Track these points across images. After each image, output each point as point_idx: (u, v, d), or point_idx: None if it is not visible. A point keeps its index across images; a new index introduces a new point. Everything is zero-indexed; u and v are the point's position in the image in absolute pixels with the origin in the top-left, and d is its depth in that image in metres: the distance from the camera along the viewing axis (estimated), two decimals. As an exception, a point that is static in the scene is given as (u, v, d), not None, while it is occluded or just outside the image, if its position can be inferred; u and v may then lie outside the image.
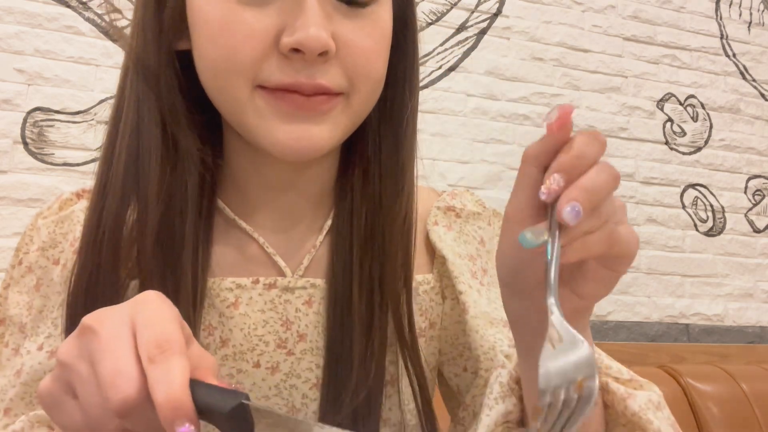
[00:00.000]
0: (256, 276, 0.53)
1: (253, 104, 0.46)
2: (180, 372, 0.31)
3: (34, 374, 0.50)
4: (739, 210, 2.16)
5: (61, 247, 0.53)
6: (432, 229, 0.59)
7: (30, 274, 0.54)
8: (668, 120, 2.13)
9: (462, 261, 0.58)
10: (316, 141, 0.46)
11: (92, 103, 1.58)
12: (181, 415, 0.30)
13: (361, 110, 0.50)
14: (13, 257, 0.55)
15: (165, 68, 0.48)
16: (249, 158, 0.53)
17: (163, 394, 0.30)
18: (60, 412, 0.35)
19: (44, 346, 0.51)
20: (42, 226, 0.54)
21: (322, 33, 0.43)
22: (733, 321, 2.08)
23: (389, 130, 0.54)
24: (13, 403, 0.50)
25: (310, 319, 0.54)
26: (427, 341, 0.58)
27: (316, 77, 0.45)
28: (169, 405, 0.30)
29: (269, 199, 0.55)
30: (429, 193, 0.63)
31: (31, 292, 0.53)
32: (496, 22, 1.98)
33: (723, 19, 2.25)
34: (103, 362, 0.32)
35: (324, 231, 0.56)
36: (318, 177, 0.55)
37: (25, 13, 1.56)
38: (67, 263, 0.52)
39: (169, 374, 0.30)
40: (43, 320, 0.52)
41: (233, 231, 0.55)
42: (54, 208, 0.56)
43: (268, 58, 0.45)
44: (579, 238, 0.35)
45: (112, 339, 0.33)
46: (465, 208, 0.61)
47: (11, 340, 0.53)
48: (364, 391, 0.50)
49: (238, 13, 0.44)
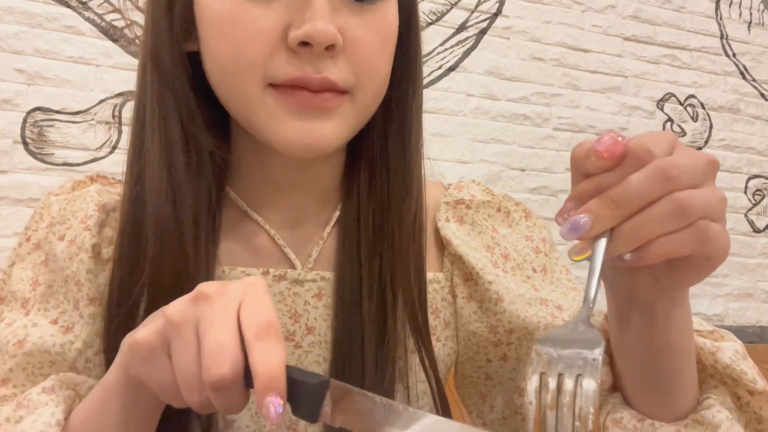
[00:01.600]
0: (266, 267, 0.54)
1: (263, 103, 0.46)
2: (280, 352, 0.34)
3: (42, 345, 0.49)
4: (739, 210, 2.16)
5: (69, 224, 0.53)
6: (444, 226, 0.59)
7: (37, 250, 0.54)
8: (668, 120, 2.13)
9: (480, 254, 0.58)
10: (324, 137, 0.47)
11: (92, 103, 1.58)
12: (275, 388, 0.33)
13: (367, 108, 0.50)
14: (22, 235, 0.55)
15: (179, 69, 0.49)
16: (256, 155, 0.54)
17: (263, 367, 0.33)
18: (152, 365, 0.36)
19: (59, 321, 0.51)
20: (54, 202, 0.55)
21: (330, 26, 0.44)
22: (733, 321, 2.08)
23: (394, 129, 0.54)
24: (13, 373, 0.50)
25: (319, 312, 0.54)
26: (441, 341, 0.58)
27: (323, 71, 0.45)
28: (267, 378, 0.33)
29: (277, 194, 0.55)
30: (435, 187, 0.63)
31: (37, 267, 0.53)
32: (496, 22, 1.98)
33: (723, 19, 2.25)
34: (210, 333, 0.34)
35: (331, 223, 0.56)
36: (323, 175, 0.56)
37: (25, 13, 1.56)
38: (75, 239, 0.52)
39: (271, 351, 0.33)
40: (53, 295, 0.52)
41: (244, 222, 0.55)
42: (66, 187, 0.57)
43: (276, 54, 0.45)
44: (663, 236, 0.34)
45: (222, 312, 0.35)
46: (474, 198, 0.61)
47: (8, 316, 0.53)
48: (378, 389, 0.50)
49: (245, 10, 0.45)
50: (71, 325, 0.51)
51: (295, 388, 0.34)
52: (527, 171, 1.94)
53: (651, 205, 0.34)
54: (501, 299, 0.56)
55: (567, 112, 2.00)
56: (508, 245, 0.60)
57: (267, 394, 0.32)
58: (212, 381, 0.33)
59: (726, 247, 0.36)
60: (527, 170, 1.94)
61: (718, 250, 0.35)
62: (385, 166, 0.54)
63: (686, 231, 0.34)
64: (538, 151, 1.96)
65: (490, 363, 0.59)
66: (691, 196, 0.34)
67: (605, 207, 0.34)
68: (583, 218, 0.35)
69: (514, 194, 1.92)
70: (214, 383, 0.33)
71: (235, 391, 0.34)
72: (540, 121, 1.98)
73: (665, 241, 0.34)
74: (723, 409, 0.43)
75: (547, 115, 1.99)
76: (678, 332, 0.42)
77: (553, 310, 0.56)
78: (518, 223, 0.62)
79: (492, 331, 0.57)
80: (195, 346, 0.35)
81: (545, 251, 0.61)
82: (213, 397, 0.35)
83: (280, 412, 0.33)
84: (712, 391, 0.46)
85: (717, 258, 0.36)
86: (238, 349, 0.34)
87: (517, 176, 1.93)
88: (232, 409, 0.36)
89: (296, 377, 0.34)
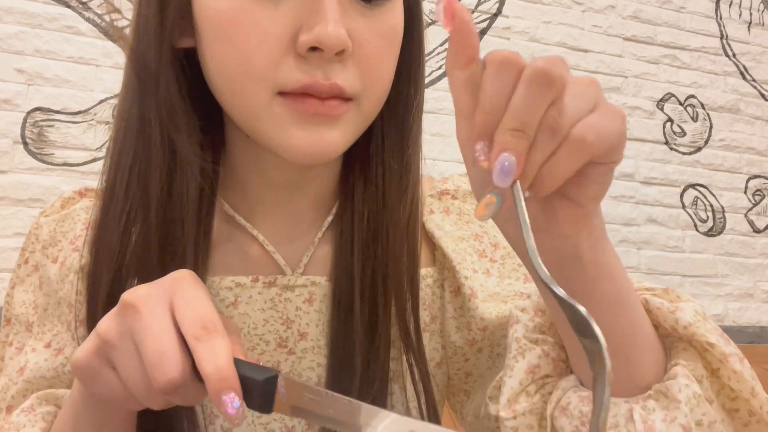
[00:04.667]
0: (255, 274, 0.53)
1: (270, 111, 0.44)
2: (225, 349, 0.34)
3: (38, 371, 0.50)
4: (739, 210, 2.16)
5: (61, 246, 0.53)
6: (428, 219, 0.58)
7: (35, 273, 0.54)
8: (668, 120, 2.13)
9: (466, 243, 0.57)
10: (330, 145, 0.45)
11: (92, 103, 1.58)
12: (228, 386, 0.33)
13: (370, 114, 0.49)
14: (20, 256, 0.56)
15: (165, 67, 0.47)
16: (253, 159, 0.53)
17: (212, 367, 0.33)
18: (98, 382, 0.37)
19: (52, 344, 0.51)
20: (44, 224, 0.55)
21: (341, 30, 0.42)
22: (733, 321, 2.08)
23: (394, 128, 0.53)
24: (15, 400, 0.50)
25: (311, 317, 0.53)
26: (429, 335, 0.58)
27: (332, 77, 0.44)
28: (217, 377, 0.33)
29: (271, 198, 0.54)
30: (427, 182, 0.62)
31: (36, 290, 0.54)
32: (496, 22, 1.98)
33: (723, 19, 2.25)
34: (147, 342, 0.34)
35: (323, 228, 0.55)
36: (323, 177, 0.55)
37: (25, 13, 1.56)
38: (65, 261, 0.52)
39: (215, 350, 0.34)
40: (48, 318, 0.52)
41: (234, 229, 0.54)
42: (56, 206, 0.56)
43: (284, 60, 0.43)
44: (545, 164, 0.31)
45: (153, 318, 0.35)
46: (460, 188, 0.60)
47: (15, 339, 0.53)
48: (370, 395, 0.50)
49: (251, 12, 0.43)
50: (62, 346, 0.51)
51: (246, 384, 0.35)
52: (527, 171, 1.95)
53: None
54: (474, 296, 0.55)
55: (567, 112, 2.00)
56: (497, 233, 0.59)
57: (221, 394, 0.33)
58: (162, 387, 0.34)
59: (611, 131, 0.32)
60: (527, 170, 1.95)
61: (603, 147, 0.32)
62: (382, 166, 0.53)
63: (562, 149, 0.31)
64: (538, 151, 1.96)
65: (467, 361, 0.58)
66: (560, 111, 0.31)
67: (515, 138, 0.31)
68: (508, 157, 0.30)
69: (514, 194, 1.93)
70: (164, 389, 0.34)
71: (189, 388, 0.35)
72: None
73: (548, 170, 0.31)
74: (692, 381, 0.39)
75: (547, 115, 1.99)
76: (611, 279, 0.38)
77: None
78: None
79: (466, 328, 0.57)
80: (137, 357, 0.35)
81: None
82: (170, 398, 0.35)
83: (237, 407, 0.33)
84: (681, 354, 0.41)
85: (608, 154, 0.33)
86: (179, 351, 0.34)
87: (517, 176, 1.93)
88: (193, 402, 0.37)
89: (245, 374, 0.35)
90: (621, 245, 1.99)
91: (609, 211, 2.00)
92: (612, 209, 2.01)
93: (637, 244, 2.02)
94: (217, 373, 0.33)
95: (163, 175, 0.48)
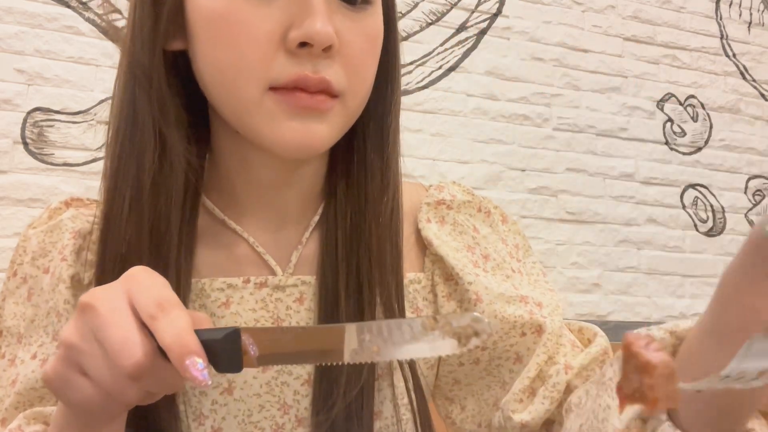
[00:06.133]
0: (246, 275, 0.54)
1: (261, 105, 0.47)
2: (182, 319, 0.34)
3: (28, 383, 0.50)
4: (739, 210, 2.16)
5: (51, 256, 0.54)
6: (425, 227, 0.59)
7: (24, 284, 0.54)
8: (668, 120, 2.13)
9: (461, 254, 0.58)
10: (319, 138, 0.48)
11: (92, 103, 1.58)
12: (189, 351, 0.33)
13: (355, 110, 0.51)
14: (9, 269, 0.56)
15: (158, 68, 0.49)
16: (240, 157, 0.54)
17: (171, 337, 0.34)
18: (70, 390, 0.37)
19: (37, 354, 0.52)
20: (32, 236, 0.55)
21: (329, 27, 0.45)
22: (733, 321, 2.08)
23: (374, 127, 0.56)
24: (8, 413, 0.50)
25: (301, 316, 0.54)
26: None
27: (320, 71, 0.46)
28: (178, 345, 0.33)
29: (259, 198, 0.55)
30: (416, 189, 0.63)
31: (25, 302, 0.54)
32: (496, 22, 1.98)
33: (723, 19, 2.25)
34: (108, 334, 0.34)
35: (310, 228, 0.56)
36: (309, 175, 0.56)
37: (25, 13, 1.56)
38: (56, 271, 0.52)
39: (173, 322, 0.34)
40: (35, 329, 0.53)
41: (223, 231, 0.55)
42: (44, 217, 0.57)
43: (276, 57, 0.46)
44: None
45: (111, 311, 0.35)
46: (455, 198, 0.61)
47: (8, 351, 0.53)
48: (357, 387, 0.50)
49: (244, 10, 0.45)
50: (47, 357, 0.51)
51: (210, 348, 0.35)
52: (527, 171, 1.94)
53: None
54: (480, 300, 0.56)
55: (567, 112, 2.00)
56: (488, 245, 0.60)
57: (184, 359, 0.33)
58: (130, 372, 0.34)
59: None
60: (527, 170, 1.94)
61: None
62: (363, 165, 0.55)
63: None
64: (538, 152, 1.96)
65: (462, 366, 0.59)
66: None
67: None
68: None
69: (513, 194, 1.93)
70: (132, 373, 0.34)
71: (160, 369, 0.35)
72: (540, 121, 1.98)
73: None
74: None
75: (547, 115, 1.99)
76: None
77: (533, 308, 0.56)
78: (496, 224, 0.62)
79: None
80: (101, 353, 0.35)
81: (518, 257, 0.62)
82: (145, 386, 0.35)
83: (201, 368, 0.33)
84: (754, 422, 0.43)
85: None
86: (141, 333, 0.35)
87: (517, 176, 1.93)
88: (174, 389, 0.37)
89: (205, 338, 0.35)
90: (621, 245, 1.99)
91: (609, 211, 2.00)
92: (612, 209, 2.01)
93: (637, 244, 2.02)
94: (176, 341, 0.33)
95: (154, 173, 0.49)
